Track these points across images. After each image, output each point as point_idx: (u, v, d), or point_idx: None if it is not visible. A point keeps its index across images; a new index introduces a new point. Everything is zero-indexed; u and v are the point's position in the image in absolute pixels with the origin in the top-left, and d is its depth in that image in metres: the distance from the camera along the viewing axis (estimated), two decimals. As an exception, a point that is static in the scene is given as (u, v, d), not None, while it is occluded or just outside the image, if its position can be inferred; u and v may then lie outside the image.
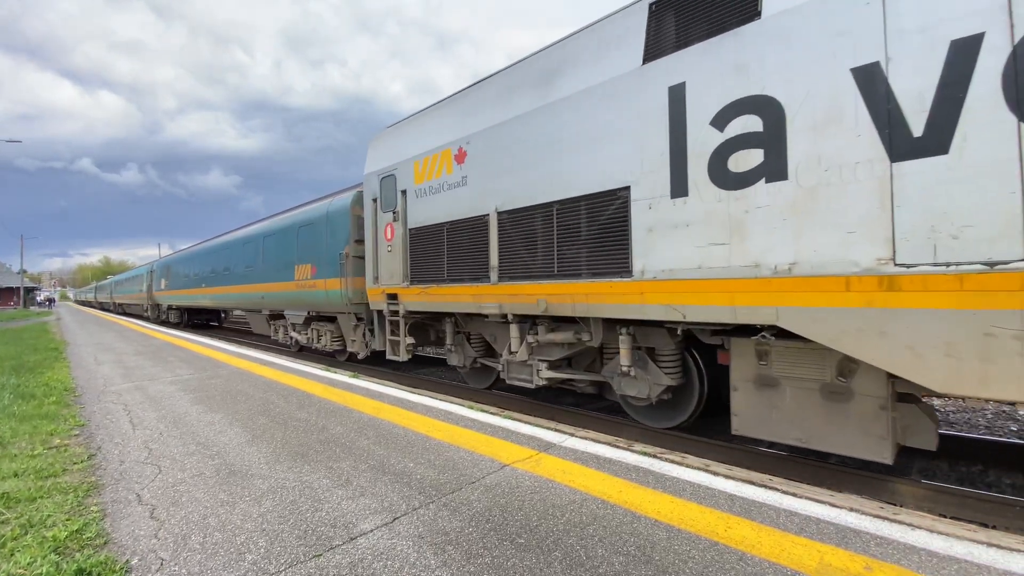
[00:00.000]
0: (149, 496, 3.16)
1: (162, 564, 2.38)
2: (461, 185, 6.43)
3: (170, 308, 23.30)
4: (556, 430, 4.42)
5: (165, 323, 23.67)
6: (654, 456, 3.71)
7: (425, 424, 4.65)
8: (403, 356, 7.64)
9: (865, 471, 4.24)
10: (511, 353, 6.19)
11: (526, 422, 4.71)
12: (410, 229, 7.30)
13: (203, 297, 17.81)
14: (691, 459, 3.71)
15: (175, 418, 5.09)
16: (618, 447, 3.93)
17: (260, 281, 12.76)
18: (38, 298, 74.72)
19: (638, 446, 4.00)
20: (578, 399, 7.27)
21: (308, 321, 11.23)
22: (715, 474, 3.34)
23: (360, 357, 9.42)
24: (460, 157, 6.47)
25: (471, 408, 5.25)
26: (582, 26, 5.49)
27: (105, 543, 2.59)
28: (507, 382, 6.45)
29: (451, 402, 5.56)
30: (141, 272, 29.40)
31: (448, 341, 7.46)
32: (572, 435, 4.25)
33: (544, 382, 5.95)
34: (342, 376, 7.35)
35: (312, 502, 3.00)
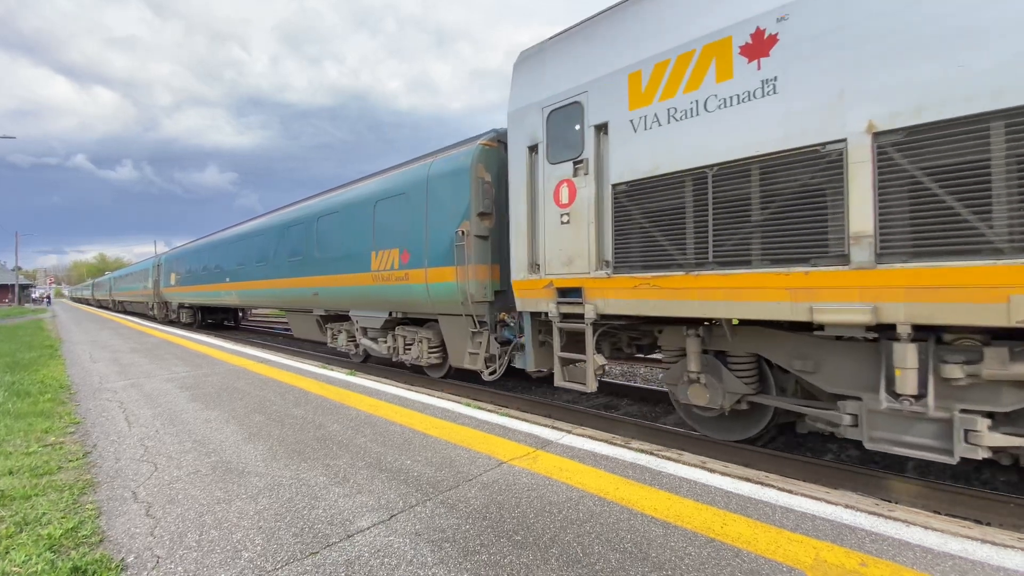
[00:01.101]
0: (145, 494, 3.15)
1: (158, 562, 2.37)
2: (758, 96, 3.85)
3: (181, 307, 20.75)
4: (553, 427, 4.43)
5: (174, 323, 21.38)
6: (651, 453, 3.72)
7: (422, 421, 4.65)
8: (591, 384, 4.96)
9: (861, 469, 4.26)
10: (895, 397, 3.47)
11: (523, 419, 4.72)
12: (616, 185, 4.70)
13: (227, 294, 15.02)
14: (688, 456, 3.73)
15: (171, 415, 5.07)
16: (615, 444, 3.94)
17: (313, 273, 10.08)
18: (33, 295, 74.35)
19: (635, 443, 4.01)
20: (575, 396, 7.25)
21: (390, 325, 8.68)
22: (711, 471, 3.36)
23: (487, 377, 6.76)
24: (756, 48, 3.90)
25: (468, 406, 5.25)
26: None
27: (100, 541, 2.58)
28: (866, 446, 3.68)
29: (448, 400, 5.56)
30: (146, 266, 26.73)
31: (692, 366, 4.65)
32: (569, 432, 4.25)
33: (987, 454, 3.25)
34: (339, 374, 7.34)
35: (309, 499, 3.00)
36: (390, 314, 8.40)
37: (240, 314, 22.58)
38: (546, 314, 5.42)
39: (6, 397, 5.97)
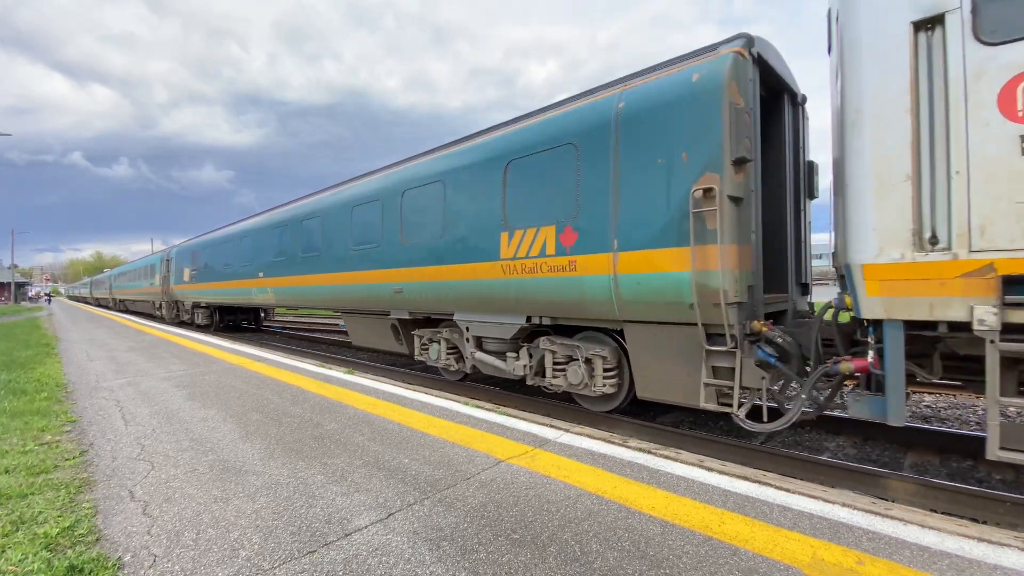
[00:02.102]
0: (142, 492, 3.14)
1: (155, 561, 2.36)
2: None
3: (196, 306, 18.24)
4: (551, 426, 4.43)
5: (184, 324, 19.17)
6: (649, 452, 3.73)
7: (421, 420, 4.64)
8: None
9: (858, 467, 4.27)
10: None
11: (522, 418, 4.71)
12: None
13: (259, 292, 12.63)
14: (685, 455, 3.73)
15: (168, 414, 5.06)
16: (613, 443, 3.94)
17: (395, 265, 7.82)
18: (29, 293, 74.06)
19: (633, 442, 4.01)
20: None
21: (526, 336, 6.44)
22: (709, 470, 3.36)
23: (749, 425, 4.38)
24: None
25: (466, 404, 5.25)
26: None
27: (97, 540, 2.57)
28: None
29: (447, 398, 5.55)
30: (152, 261, 24.00)
31: None
32: (567, 431, 4.25)
33: None
34: (337, 372, 7.33)
35: (306, 498, 2.99)
36: (527, 320, 6.11)
37: (262, 314, 19.94)
38: (947, 325, 3.21)
39: (2, 395, 5.94)
